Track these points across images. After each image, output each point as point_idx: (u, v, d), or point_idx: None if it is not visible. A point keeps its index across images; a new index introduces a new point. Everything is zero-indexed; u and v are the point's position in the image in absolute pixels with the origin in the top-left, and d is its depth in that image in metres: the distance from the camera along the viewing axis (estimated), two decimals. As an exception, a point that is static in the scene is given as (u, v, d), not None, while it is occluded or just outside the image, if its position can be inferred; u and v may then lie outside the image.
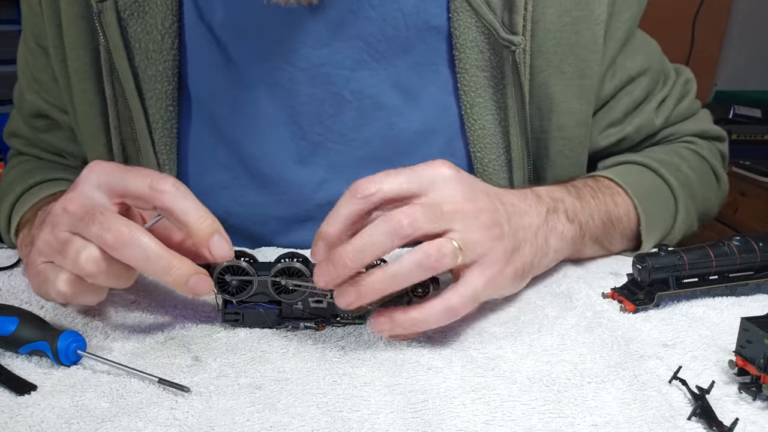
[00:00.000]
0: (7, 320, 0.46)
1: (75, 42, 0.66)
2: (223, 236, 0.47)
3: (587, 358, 0.48)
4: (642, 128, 0.73)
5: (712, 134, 0.78)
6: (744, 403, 0.42)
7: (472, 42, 0.65)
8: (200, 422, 0.40)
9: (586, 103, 0.69)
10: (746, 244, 0.57)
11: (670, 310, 0.55)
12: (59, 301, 0.50)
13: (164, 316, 0.53)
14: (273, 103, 0.68)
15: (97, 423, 0.39)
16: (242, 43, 0.67)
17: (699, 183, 0.74)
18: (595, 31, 0.66)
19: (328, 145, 0.69)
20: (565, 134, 0.69)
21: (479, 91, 0.67)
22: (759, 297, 0.58)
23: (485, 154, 0.69)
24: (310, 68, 0.66)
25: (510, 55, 0.64)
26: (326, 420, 0.40)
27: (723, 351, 0.49)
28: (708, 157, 0.76)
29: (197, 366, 0.46)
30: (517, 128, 0.67)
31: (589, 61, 0.67)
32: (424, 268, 0.46)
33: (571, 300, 0.57)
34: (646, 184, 0.69)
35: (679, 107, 0.75)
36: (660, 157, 0.72)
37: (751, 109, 2.19)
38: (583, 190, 0.65)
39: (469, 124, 0.68)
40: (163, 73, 0.66)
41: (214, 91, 0.68)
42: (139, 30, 0.65)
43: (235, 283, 0.50)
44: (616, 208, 0.66)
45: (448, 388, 0.44)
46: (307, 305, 0.51)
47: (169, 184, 0.46)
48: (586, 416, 0.41)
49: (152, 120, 0.68)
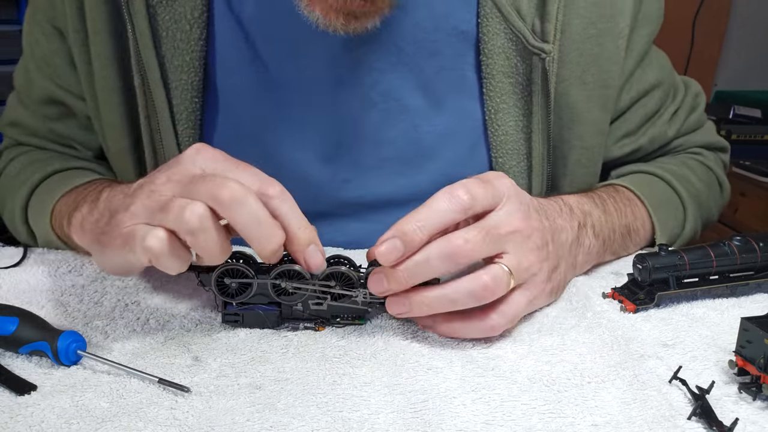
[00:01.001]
0: (7, 320, 0.46)
1: (98, 26, 0.64)
2: (319, 247, 0.47)
3: (587, 358, 0.48)
4: (655, 139, 0.76)
5: (717, 145, 0.81)
6: (744, 403, 0.42)
7: (500, 48, 0.66)
8: (200, 422, 0.40)
9: (606, 113, 0.70)
10: (747, 244, 0.57)
11: (670, 310, 0.55)
12: (141, 261, 0.46)
13: (164, 316, 0.53)
14: (299, 101, 0.68)
15: (97, 423, 0.39)
16: (271, 39, 0.66)
17: (706, 193, 0.76)
18: (618, 44, 0.68)
19: (353, 144, 0.69)
20: (584, 143, 0.70)
21: (504, 97, 0.68)
22: (759, 297, 0.58)
23: (507, 159, 0.70)
24: (339, 70, 0.66)
25: (540, 63, 0.65)
26: (326, 420, 0.40)
27: (723, 351, 0.49)
28: (714, 167, 0.79)
29: (197, 366, 0.46)
30: (540, 135, 0.68)
31: (611, 72, 0.68)
32: (478, 298, 0.47)
33: (571, 300, 0.57)
34: (659, 195, 0.71)
35: (689, 119, 0.78)
36: (671, 169, 0.74)
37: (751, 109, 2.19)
38: (607, 202, 0.66)
39: (492, 129, 0.69)
40: (189, 63, 0.66)
41: (240, 85, 0.68)
42: (168, 18, 0.64)
43: (234, 286, 0.50)
44: (635, 220, 0.68)
45: (448, 388, 0.44)
46: (306, 307, 0.51)
47: (278, 190, 0.46)
48: (586, 416, 0.41)
49: (176, 111, 0.67)
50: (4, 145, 0.80)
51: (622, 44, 0.68)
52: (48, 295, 0.56)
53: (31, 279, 0.59)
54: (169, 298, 0.56)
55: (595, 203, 0.65)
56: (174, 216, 0.43)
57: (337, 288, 0.50)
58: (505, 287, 0.48)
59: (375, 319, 0.53)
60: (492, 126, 0.69)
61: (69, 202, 0.64)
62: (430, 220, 0.46)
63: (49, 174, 0.70)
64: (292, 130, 0.69)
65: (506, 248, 0.48)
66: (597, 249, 0.62)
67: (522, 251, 0.49)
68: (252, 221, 0.44)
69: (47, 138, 0.76)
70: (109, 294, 0.56)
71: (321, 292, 0.50)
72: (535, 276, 0.51)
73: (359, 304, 0.51)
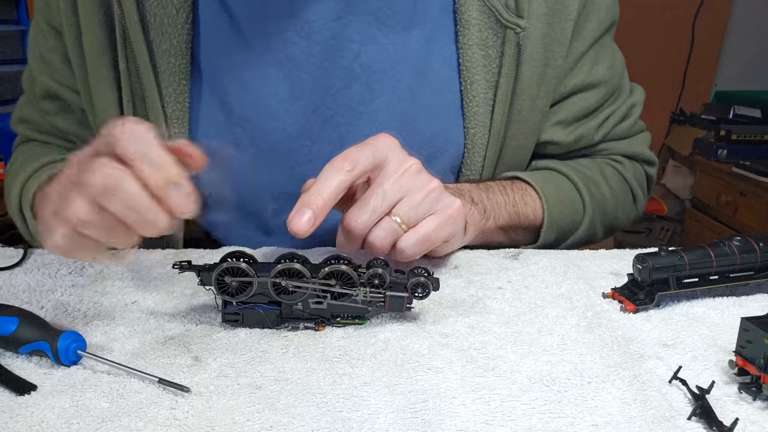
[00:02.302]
0: (7, 320, 0.46)
1: (90, 17, 0.66)
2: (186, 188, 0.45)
3: (587, 358, 0.48)
4: (581, 139, 0.79)
5: (642, 157, 0.84)
6: (744, 403, 0.42)
7: (475, 20, 0.68)
8: (200, 422, 0.40)
9: (545, 92, 0.73)
10: (746, 244, 0.57)
11: (670, 310, 0.55)
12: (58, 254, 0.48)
13: (164, 316, 0.53)
14: (284, 78, 0.68)
15: (97, 423, 0.39)
16: (255, 17, 0.67)
17: (613, 202, 0.79)
18: (566, 26, 0.71)
19: (337, 119, 0.70)
20: (521, 117, 0.73)
21: (478, 68, 0.70)
22: (759, 297, 0.58)
23: (477, 131, 0.72)
24: (321, 41, 0.67)
25: (515, 37, 0.68)
26: (326, 420, 0.40)
27: (723, 351, 0.49)
28: (629, 178, 0.82)
29: (197, 366, 0.46)
30: (502, 108, 0.71)
31: (555, 53, 0.71)
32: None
33: (571, 300, 0.57)
34: (561, 194, 0.75)
35: (619, 127, 0.80)
36: (583, 172, 0.78)
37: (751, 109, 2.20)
38: (492, 187, 0.72)
39: (467, 100, 0.71)
40: (177, 47, 0.67)
41: (225, 67, 0.69)
42: (155, 4, 0.65)
43: (234, 284, 0.50)
44: (525, 206, 0.73)
45: (448, 388, 0.44)
46: (307, 306, 0.51)
47: (129, 134, 0.44)
48: (586, 416, 0.41)
49: (165, 95, 0.68)
50: (16, 142, 0.83)
51: (569, 26, 0.71)
52: (48, 295, 0.56)
53: (31, 279, 0.59)
54: (169, 298, 0.56)
55: (474, 185, 0.70)
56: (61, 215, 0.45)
57: (337, 287, 0.50)
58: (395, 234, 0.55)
59: (375, 319, 0.53)
60: (467, 96, 0.71)
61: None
62: (324, 188, 0.52)
63: (42, 165, 0.72)
64: (277, 108, 0.69)
65: (403, 190, 0.55)
66: (477, 215, 0.67)
67: (417, 184, 0.56)
68: (127, 211, 0.44)
69: (49, 133, 0.79)
70: (109, 294, 0.56)
71: (321, 291, 0.50)
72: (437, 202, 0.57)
73: (359, 303, 0.51)
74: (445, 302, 0.56)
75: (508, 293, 0.58)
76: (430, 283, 0.51)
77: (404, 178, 0.56)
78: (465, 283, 0.61)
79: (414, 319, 0.53)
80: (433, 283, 0.51)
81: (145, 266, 0.63)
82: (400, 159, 0.56)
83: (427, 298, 0.51)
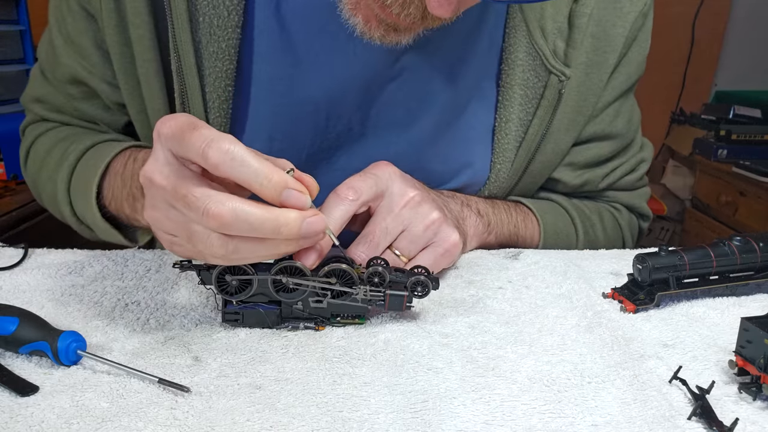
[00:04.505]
0: (7, 320, 0.46)
1: (137, 7, 0.63)
2: (294, 186, 0.45)
3: (587, 358, 0.48)
4: (587, 184, 0.81)
5: (639, 211, 0.87)
6: (744, 403, 0.42)
7: (521, 61, 0.69)
8: (200, 422, 0.40)
9: (571, 137, 0.75)
10: (746, 244, 0.57)
11: (670, 310, 0.55)
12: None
13: (164, 316, 0.53)
14: (327, 94, 0.67)
15: (97, 423, 0.39)
16: (308, 32, 0.66)
17: (604, 243, 0.82)
18: (602, 77, 0.72)
19: (372, 139, 0.71)
20: (544, 158, 0.75)
21: (515, 107, 0.71)
22: (759, 297, 0.58)
23: (502, 166, 0.73)
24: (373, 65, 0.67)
25: (558, 84, 0.69)
26: (326, 420, 0.40)
27: (723, 351, 0.49)
28: (623, 226, 0.85)
29: (197, 366, 0.46)
30: (528, 146, 0.72)
31: (587, 102, 0.73)
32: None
33: (571, 300, 0.57)
34: (558, 225, 0.78)
35: (624, 179, 0.83)
36: (582, 210, 0.81)
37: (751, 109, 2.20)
38: (499, 205, 0.74)
39: (499, 137, 0.72)
40: (225, 51, 0.65)
41: (271, 76, 0.67)
42: (206, 4, 0.63)
43: (235, 283, 0.50)
44: (525, 229, 0.75)
45: (448, 389, 0.44)
46: (307, 305, 0.51)
47: (218, 157, 0.42)
48: (586, 416, 0.41)
49: (209, 99, 0.66)
50: (28, 121, 0.80)
51: (605, 78, 0.72)
52: (48, 295, 0.56)
53: (31, 279, 0.59)
54: (169, 298, 0.56)
55: (482, 199, 0.72)
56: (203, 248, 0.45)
57: (337, 285, 0.50)
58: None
59: (375, 319, 0.53)
60: (500, 134, 0.72)
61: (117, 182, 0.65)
62: (329, 218, 0.53)
63: (81, 153, 0.69)
64: (311, 126, 0.69)
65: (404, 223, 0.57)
66: (482, 227, 0.70)
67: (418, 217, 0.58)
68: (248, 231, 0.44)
69: (72, 115, 0.76)
70: (109, 294, 0.56)
71: (321, 289, 0.50)
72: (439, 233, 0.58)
73: (359, 302, 0.51)
74: (445, 302, 0.56)
75: (509, 293, 0.59)
76: (430, 282, 0.51)
77: (405, 211, 0.58)
78: (465, 283, 0.61)
79: (414, 319, 0.53)
80: (433, 282, 0.51)
81: (144, 266, 0.63)
82: (401, 191, 0.58)
83: (427, 298, 0.51)
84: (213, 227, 0.43)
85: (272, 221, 0.44)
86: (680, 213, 2.38)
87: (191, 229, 0.45)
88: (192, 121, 0.44)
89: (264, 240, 0.45)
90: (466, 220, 0.69)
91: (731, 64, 2.48)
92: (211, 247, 0.44)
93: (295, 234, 0.44)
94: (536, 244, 0.76)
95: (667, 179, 2.43)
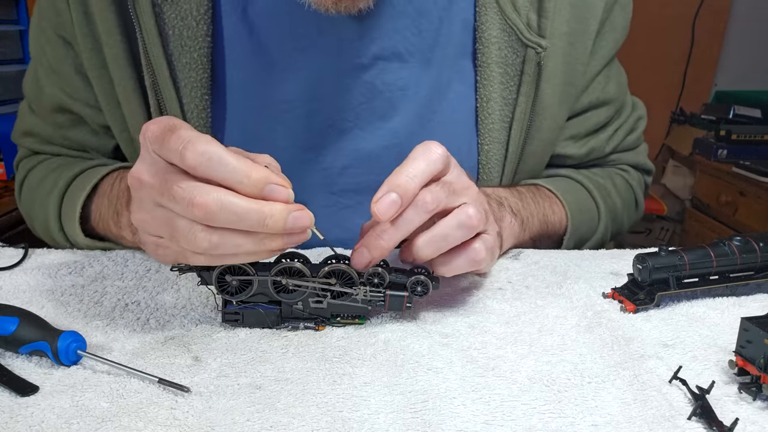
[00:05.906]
0: (7, 320, 0.46)
1: (109, 28, 0.64)
2: (276, 181, 0.44)
3: (587, 358, 0.48)
4: (593, 152, 0.81)
5: (644, 167, 0.89)
6: (744, 403, 0.42)
7: (495, 38, 0.68)
8: (200, 422, 0.40)
9: (565, 110, 0.75)
10: (747, 244, 0.57)
11: (670, 310, 0.55)
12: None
13: (164, 316, 0.53)
14: (303, 94, 0.68)
15: (97, 423, 0.39)
16: (277, 33, 0.66)
17: (622, 209, 0.83)
18: (586, 45, 0.72)
19: (356, 131, 0.70)
20: (542, 135, 0.74)
21: (495, 86, 0.70)
22: (759, 297, 0.58)
23: (491, 147, 0.72)
24: (348, 60, 0.67)
25: (536, 57, 0.68)
26: (326, 420, 0.40)
27: (723, 351, 0.49)
28: (635, 186, 0.86)
29: (197, 366, 0.46)
30: (520, 125, 0.71)
31: (575, 72, 0.73)
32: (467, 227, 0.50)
33: (571, 300, 0.57)
34: (579, 202, 0.77)
35: (627, 139, 0.83)
36: (597, 181, 0.81)
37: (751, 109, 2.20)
38: (525, 194, 0.72)
39: (482, 117, 0.71)
40: (197, 60, 0.65)
41: (245, 82, 0.67)
42: (174, 16, 0.64)
43: (235, 283, 0.50)
44: (553, 215, 0.74)
45: (448, 388, 0.44)
46: (307, 305, 0.51)
47: (194, 159, 0.42)
48: (586, 416, 0.41)
49: (187, 110, 0.67)
50: (20, 156, 0.80)
51: (589, 45, 0.72)
52: (48, 295, 0.56)
53: (31, 279, 0.59)
54: (169, 298, 0.56)
55: (511, 192, 0.70)
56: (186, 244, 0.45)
57: (337, 285, 0.50)
58: (483, 219, 0.51)
59: (375, 319, 0.53)
60: (483, 114, 0.71)
61: (103, 203, 0.66)
62: (420, 170, 0.48)
63: (71, 179, 0.70)
64: (294, 124, 0.69)
65: (464, 200, 0.51)
66: (517, 227, 0.68)
67: (478, 201, 0.52)
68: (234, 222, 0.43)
69: (62, 145, 0.76)
70: (109, 294, 0.56)
71: (321, 290, 0.50)
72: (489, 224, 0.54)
73: (359, 302, 0.51)
74: (445, 302, 0.56)
75: (509, 293, 0.59)
76: (430, 282, 0.51)
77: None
78: (465, 283, 0.61)
79: (414, 319, 0.53)
80: (433, 282, 0.51)
81: (144, 266, 0.63)
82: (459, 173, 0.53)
83: (427, 298, 0.51)
84: (198, 217, 0.43)
85: (257, 212, 0.43)
86: (680, 213, 2.38)
87: (175, 225, 0.44)
88: (172, 123, 0.44)
89: (248, 234, 0.44)
90: (502, 220, 0.66)
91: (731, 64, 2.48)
92: (195, 240, 0.44)
93: (280, 227, 0.44)
94: (564, 227, 0.75)
95: (667, 179, 2.43)
